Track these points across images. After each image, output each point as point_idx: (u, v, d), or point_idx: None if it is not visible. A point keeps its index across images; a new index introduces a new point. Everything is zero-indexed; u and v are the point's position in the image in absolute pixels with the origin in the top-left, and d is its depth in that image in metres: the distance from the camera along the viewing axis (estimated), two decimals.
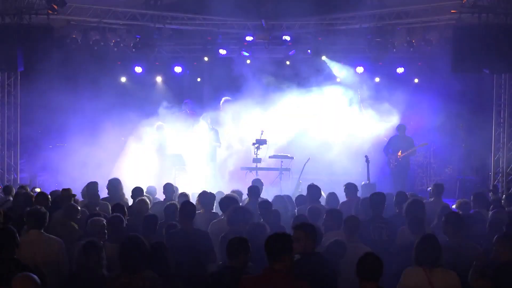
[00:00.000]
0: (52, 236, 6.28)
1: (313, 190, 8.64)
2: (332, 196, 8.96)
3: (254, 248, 5.18)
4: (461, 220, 6.22)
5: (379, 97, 15.70)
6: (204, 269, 6.27)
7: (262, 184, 10.18)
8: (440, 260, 5.17)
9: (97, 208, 8.37)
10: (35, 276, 4.33)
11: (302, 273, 4.99)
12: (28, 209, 6.55)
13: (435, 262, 5.15)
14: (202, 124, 14.63)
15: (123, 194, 9.57)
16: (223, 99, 15.45)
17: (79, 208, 7.56)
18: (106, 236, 6.32)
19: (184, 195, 8.91)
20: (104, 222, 6.40)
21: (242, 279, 4.76)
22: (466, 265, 5.48)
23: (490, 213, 7.87)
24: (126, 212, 7.41)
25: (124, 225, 6.51)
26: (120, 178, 9.96)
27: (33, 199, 8.11)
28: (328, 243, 5.97)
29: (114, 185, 9.51)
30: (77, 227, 7.14)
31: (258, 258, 5.09)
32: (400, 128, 14.02)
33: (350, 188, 9.23)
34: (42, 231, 6.19)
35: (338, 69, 16.44)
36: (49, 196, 8.18)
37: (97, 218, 6.52)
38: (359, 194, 9.54)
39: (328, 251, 5.82)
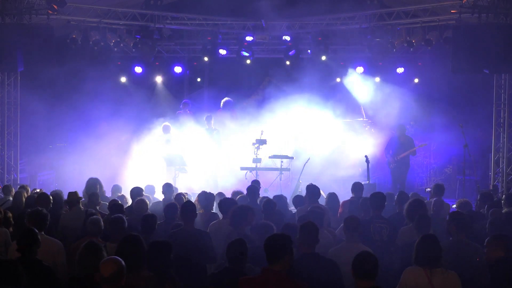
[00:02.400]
0: (51, 238, 6.29)
1: (312, 190, 8.63)
2: (332, 196, 8.96)
3: (260, 248, 5.18)
4: (465, 220, 6.23)
5: (379, 97, 15.74)
6: (205, 269, 6.27)
7: (260, 184, 10.20)
8: (440, 260, 5.17)
9: (98, 208, 8.39)
10: (121, 259, 4.57)
11: (301, 274, 4.99)
12: (29, 210, 6.56)
13: (436, 262, 5.14)
14: (206, 125, 14.66)
15: (103, 192, 9.56)
16: (224, 99, 15.42)
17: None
18: (102, 235, 6.34)
19: (180, 196, 8.90)
20: (102, 222, 6.40)
21: (241, 280, 4.75)
22: (468, 264, 5.48)
23: (486, 212, 7.88)
24: (124, 212, 7.41)
25: (126, 225, 6.49)
26: (120, 178, 9.96)
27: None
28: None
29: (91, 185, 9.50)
30: None
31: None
32: (399, 128, 13.96)
33: (356, 187, 9.24)
34: (43, 232, 6.19)
35: (337, 69, 16.44)
36: (51, 197, 8.18)
37: (96, 217, 6.53)
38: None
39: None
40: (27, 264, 5.18)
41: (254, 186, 9.05)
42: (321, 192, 8.92)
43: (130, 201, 9.26)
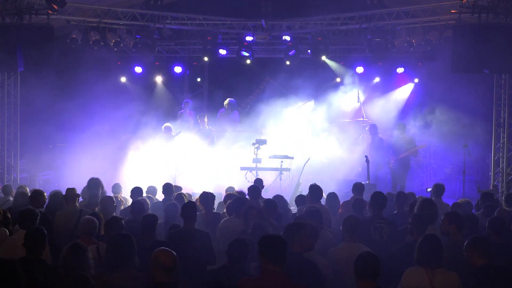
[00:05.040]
0: None
1: (315, 190, 8.62)
2: (332, 196, 8.96)
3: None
4: (463, 220, 6.22)
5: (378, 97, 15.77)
6: (204, 269, 6.27)
7: (262, 183, 10.22)
8: (442, 260, 5.16)
9: (96, 209, 8.37)
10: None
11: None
12: (21, 209, 6.58)
13: (437, 262, 5.14)
14: (200, 124, 14.69)
15: (104, 192, 9.52)
16: (227, 100, 15.44)
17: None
18: (95, 235, 6.35)
19: (181, 196, 8.91)
20: (96, 222, 6.41)
21: (241, 281, 4.75)
22: (466, 265, 5.47)
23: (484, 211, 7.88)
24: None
25: (123, 226, 6.47)
26: (120, 178, 9.93)
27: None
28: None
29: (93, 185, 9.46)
30: None
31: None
32: (399, 126, 13.86)
33: (357, 188, 9.24)
34: None
35: (338, 69, 16.45)
36: (45, 194, 8.18)
37: (89, 217, 6.52)
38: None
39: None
40: (31, 263, 5.18)
41: (256, 186, 9.05)
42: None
43: (130, 201, 9.25)
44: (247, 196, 9.00)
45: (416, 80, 16.52)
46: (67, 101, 14.80)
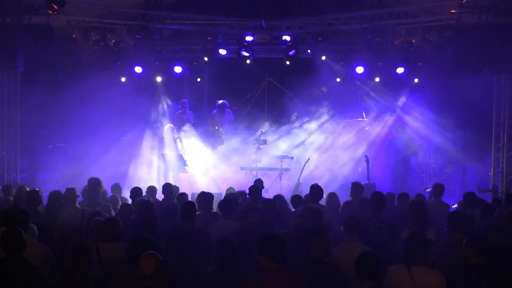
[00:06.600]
0: (36, 242, 6.19)
1: (316, 190, 8.62)
2: (332, 196, 8.96)
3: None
4: (462, 220, 6.23)
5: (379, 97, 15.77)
6: (205, 270, 6.28)
7: (262, 184, 10.23)
8: (423, 258, 5.15)
9: (97, 208, 8.38)
10: (158, 254, 4.71)
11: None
12: (11, 210, 6.58)
13: (417, 259, 5.13)
14: (210, 124, 14.72)
15: (104, 192, 9.51)
16: (218, 102, 15.49)
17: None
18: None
19: (182, 196, 8.91)
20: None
21: (243, 282, 4.74)
22: (463, 263, 5.48)
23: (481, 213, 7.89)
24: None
25: (120, 226, 6.48)
26: (120, 178, 9.94)
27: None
28: None
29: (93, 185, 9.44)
30: None
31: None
32: (400, 129, 14.11)
33: (356, 187, 9.21)
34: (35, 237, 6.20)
35: (338, 69, 16.45)
36: (40, 191, 8.18)
37: (99, 218, 6.52)
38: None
39: None
40: (12, 263, 5.17)
41: (256, 186, 9.05)
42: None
43: (129, 202, 9.26)
44: (248, 196, 9.04)
45: (416, 80, 16.51)
46: (67, 101, 14.79)
